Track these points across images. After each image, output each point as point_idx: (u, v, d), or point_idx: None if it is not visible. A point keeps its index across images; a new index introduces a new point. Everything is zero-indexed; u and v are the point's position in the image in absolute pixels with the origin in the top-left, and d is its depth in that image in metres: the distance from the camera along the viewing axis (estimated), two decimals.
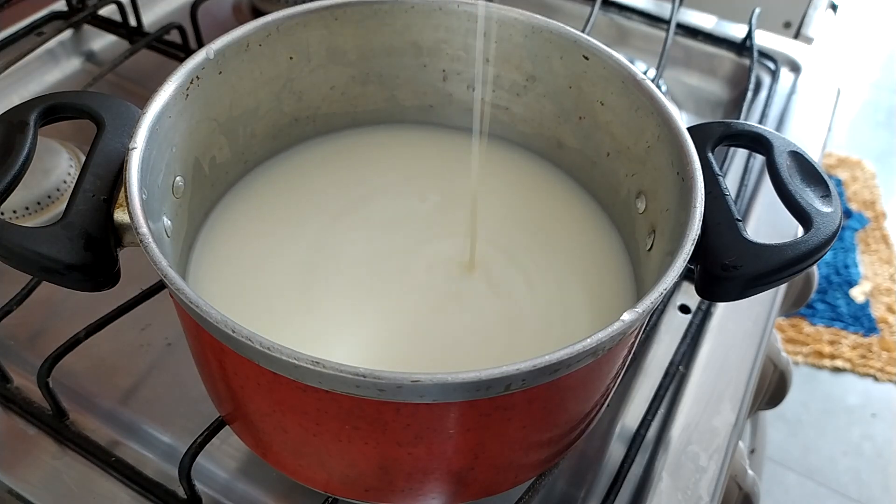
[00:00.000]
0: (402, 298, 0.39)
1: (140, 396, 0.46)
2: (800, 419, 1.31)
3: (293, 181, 0.45)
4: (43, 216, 0.52)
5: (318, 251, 0.41)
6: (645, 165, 0.40)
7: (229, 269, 0.40)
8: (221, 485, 0.42)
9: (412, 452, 0.32)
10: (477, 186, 0.41)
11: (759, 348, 0.50)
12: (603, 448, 0.45)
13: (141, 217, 0.31)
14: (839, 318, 1.47)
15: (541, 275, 0.41)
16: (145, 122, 0.34)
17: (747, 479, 0.51)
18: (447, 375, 0.27)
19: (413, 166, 0.47)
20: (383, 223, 0.43)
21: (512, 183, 0.46)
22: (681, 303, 0.53)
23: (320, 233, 0.42)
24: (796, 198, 0.35)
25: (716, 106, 0.72)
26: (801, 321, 1.46)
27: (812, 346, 1.42)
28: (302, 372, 0.27)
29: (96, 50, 0.69)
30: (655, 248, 0.38)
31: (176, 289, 0.29)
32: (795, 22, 0.80)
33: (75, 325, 0.44)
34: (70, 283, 0.32)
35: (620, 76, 0.40)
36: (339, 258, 0.41)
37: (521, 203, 0.45)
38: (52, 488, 0.41)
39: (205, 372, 0.37)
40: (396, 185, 0.45)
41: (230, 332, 0.27)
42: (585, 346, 0.28)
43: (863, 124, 1.92)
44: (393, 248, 0.42)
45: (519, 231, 0.43)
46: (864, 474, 1.25)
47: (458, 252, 0.41)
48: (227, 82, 0.40)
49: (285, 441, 0.35)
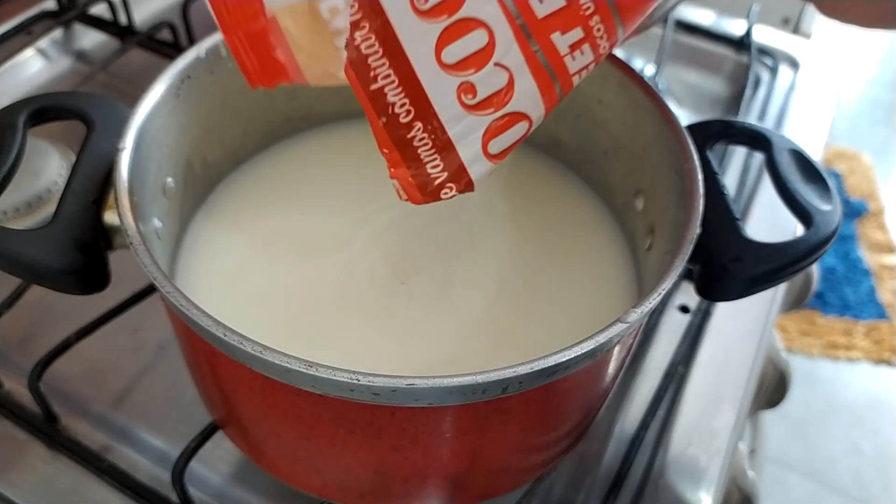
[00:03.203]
0: (395, 296, 0.39)
1: (132, 400, 0.45)
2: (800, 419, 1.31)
3: (282, 176, 0.45)
4: (33, 218, 0.51)
5: (309, 248, 0.41)
6: (643, 164, 0.39)
7: (218, 266, 0.40)
8: (215, 490, 0.42)
9: (408, 457, 0.32)
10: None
11: (759, 348, 0.50)
12: (602, 450, 0.44)
13: (131, 219, 0.30)
14: (849, 308, 1.48)
15: (540, 273, 0.40)
16: (135, 122, 0.34)
17: (747, 479, 0.51)
18: (443, 379, 0.26)
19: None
20: (376, 217, 0.42)
21: (511, 177, 0.46)
22: (680, 303, 0.52)
23: (312, 228, 0.42)
24: (796, 196, 0.35)
25: (714, 103, 0.72)
26: (814, 313, 1.47)
27: (826, 337, 1.43)
28: (295, 376, 0.27)
29: (87, 49, 0.68)
30: (654, 248, 0.38)
31: (166, 292, 0.28)
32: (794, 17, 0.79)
33: (66, 328, 0.44)
34: (60, 287, 0.32)
35: (618, 74, 0.39)
36: (332, 255, 0.40)
37: (521, 198, 0.44)
38: (44, 494, 0.41)
39: (197, 376, 0.37)
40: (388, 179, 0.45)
41: (221, 335, 0.27)
42: (583, 349, 0.27)
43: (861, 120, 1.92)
44: (386, 243, 0.41)
45: (518, 227, 0.43)
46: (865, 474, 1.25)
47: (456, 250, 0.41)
48: (218, 81, 0.39)
49: (279, 446, 0.35)
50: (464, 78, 0.28)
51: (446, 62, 0.28)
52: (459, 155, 0.30)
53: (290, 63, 0.34)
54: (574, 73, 0.30)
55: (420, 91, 0.28)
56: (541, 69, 0.29)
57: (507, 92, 0.29)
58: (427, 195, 0.31)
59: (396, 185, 0.31)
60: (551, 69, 0.29)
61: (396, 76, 0.28)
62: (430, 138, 0.30)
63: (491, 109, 0.29)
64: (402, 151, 0.30)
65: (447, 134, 0.29)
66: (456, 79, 0.28)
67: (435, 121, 0.29)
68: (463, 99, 0.29)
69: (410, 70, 0.28)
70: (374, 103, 0.29)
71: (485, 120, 0.30)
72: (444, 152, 0.30)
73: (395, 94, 0.28)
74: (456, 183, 0.31)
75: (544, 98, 0.30)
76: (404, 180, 0.31)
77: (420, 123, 0.29)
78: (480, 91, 0.29)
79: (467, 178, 0.31)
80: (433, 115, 0.29)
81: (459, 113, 0.29)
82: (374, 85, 0.28)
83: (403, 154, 0.30)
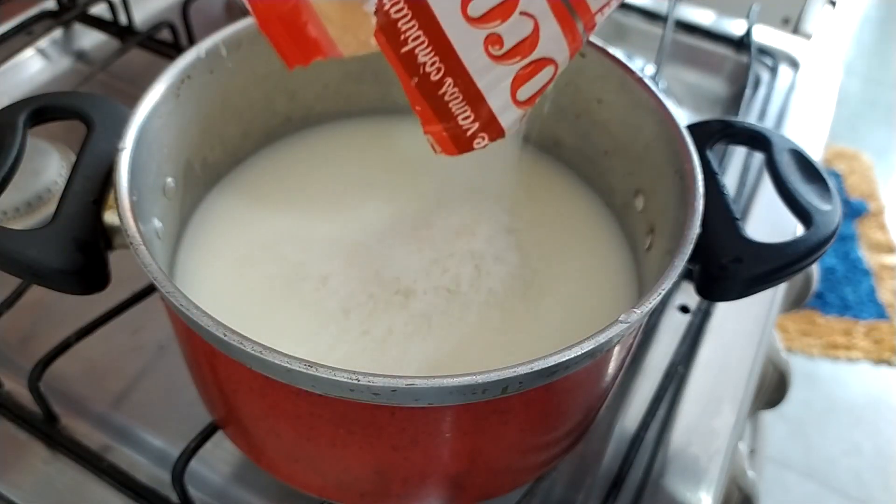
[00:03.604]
0: (395, 294, 0.39)
1: (132, 400, 0.45)
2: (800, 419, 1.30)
3: (282, 175, 0.45)
4: (33, 218, 0.51)
5: (308, 247, 0.41)
6: (643, 164, 0.39)
7: (217, 265, 0.40)
8: (215, 490, 0.42)
9: (408, 457, 0.32)
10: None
11: (759, 348, 0.50)
12: (602, 450, 0.44)
13: (131, 219, 0.30)
14: (848, 308, 1.48)
15: (540, 273, 0.40)
16: (135, 122, 0.34)
17: (747, 479, 0.51)
18: (443, 379, 0.26)
19: (406, 158, 0.46)
20: (374, 216, 0.42)
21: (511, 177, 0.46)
22: (680, 303, 0.52)
23: (311, 227, 0.42)
24: (796, 196, 0.35)
25: (714, 103, 0.72)
26: (814, 313, 1.47)
27: (826, 337, 1.43)
28: (295, 376, 0.27)
29: (87, 49, 0.68)
30: (654, 248, 0.38)
31: (166, 292, 0.28)
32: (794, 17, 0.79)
33: (66, 328, 0.44)
34: (60, 287, 0.32)
35: (618, 74, 0.39)
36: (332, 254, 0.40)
37: (521, 198, 0.44)
38: (44, 494, 0.41)
39: (197, 376, 0.37)
40: (388, 177, 0.45)
41: (221, 335, 0.27)
42: (583, 349, 0.27)
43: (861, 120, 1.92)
44: (384, 242, 0.41)
45: (518, 227, 0.43)
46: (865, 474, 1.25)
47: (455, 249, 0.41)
48: (218, 81, 0.39)
49: (279, 446, 0.35)
50: (490, 30, 0.30)
51: (472, 16, 0.29)
52: (489, 105, 0.32)
53: (323, 37, 0.34)
54: (596, 10, 0.31)
55: (449, 48, 0.30)
56: (564, 12, 0.30)
57: (533, 39, 0.31)
58: (461, 146, 0.33)
59: (430, 139, 0.32)
60: (573, 10, 0.31)
61: (426, 36, 0.29)
62: (461, 91, 0.31)
63: (518, 58, 0.31)
64: (434, 107, 0.31)
65: (476, 86, 0.31)
66: (483, 31, 0.30)
67: (465, 74, 0.30)
68: (490, 50, 0.30)
69: (439, 28, 0.29)
70: (406, 65, 0.30)
71: (513, 69, 0.31)
72: (475, 104, 0.31)
73: (426, 54, 0.30)
74: (487, 132, 0.32)
75: (568, 40, 0.31)
76: (438, 135, 0.32)
77: (450, 79, 0.30)
78: (507, 41, 0.30)
79: (498, 126, 0.32)
80: (463, 69, 0.30)
81: (488, 64, 0.30)
82: (405, 48, 0.29)
83: (436, 110, 0.31)
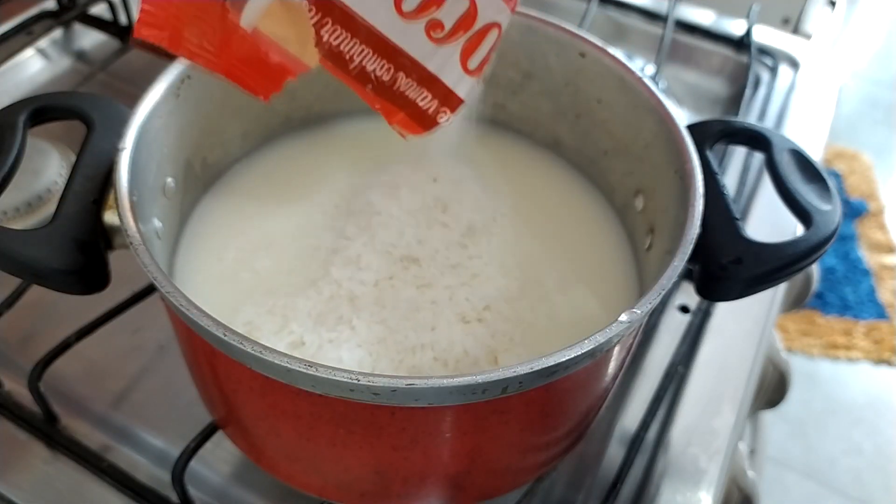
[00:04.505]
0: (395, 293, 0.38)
1: (132, 400, 0.45)
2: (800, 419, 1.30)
3: (281, 174, 0.45)
4: (33, 217, 0.51)
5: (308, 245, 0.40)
6: (643, 164, 0.39)
7: (217, 264, 0.40)
8: (215, 490, 0.42)
9: (408, 457, 0.32)
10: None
11: (759, 348, 0.50)
12: (602, 450, 0.44)
13: (131, 220, 0.30)
14: (848, 308, 1.48)
15: (540, 273, 0.40)
16: (135, 122, 0.34)
17: (747, 479, 0.51)
18: (443, 379, 0.26)
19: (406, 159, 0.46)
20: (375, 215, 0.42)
21: (513, 173, 0.45)
22: (680, 303, 0.52)
23: (311, 225, 0.41)
24: (796, 196, 0.35)
25: (714, 103, 0.72)
26: (814, 313, 1.47)
27: (826, 337, 1.43)
28: (295, 376, 0.27)
29: (87, 49, 0.68)
30: (654, 247, 0.38)
31: (166, 292, 0.28)
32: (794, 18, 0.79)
33: (66, 328, 0.44)
34: (60, 287, 0.32)
35: (618, 73, 0.39)
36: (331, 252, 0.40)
37: (521, 197, 0.44)
38: (44, 494, 0.41)
39: (197, 376, 0.37)
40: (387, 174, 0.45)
41: (221, 335, 0.27)
42: (583, 348, 0.27)
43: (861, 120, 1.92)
44: (386, 241, 0.41)
45: (518, 227, 0.43)
46: (865, 474, 1.25)
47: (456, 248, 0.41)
48: (218, 81, 0.39)
49: (279, 446, 0.35)
50: (428, 17, 0.31)
51: (407, 11, 0.31)
52: (443, 82, 0.33)
53: (287, 58, 0.35)
54: None
55: (393, 48, 0.31)
56: None
57: (471, 12, 0.32)
58: (425, 124, 0.34)
59: (397, 128, 0.34)
60: None
61: (369, 47, 0.31)
62: (414, 80, 0.33)
63: (461, 33, 0.32)
64: (392, 101, 0.33)
65: (428, 70, 0.33)
66: (421, 22, 0.31)
67: (414, 64, 0.32)
68: (433, 35, 0.32)
69: (379, 36, 0.31)
70: (357, 79, 0.32)
71: (458, 45, 0.33)
72: (430, 85, 0.33)
73: (373, 63, 0.31)
74: (448, 105, 0.34)
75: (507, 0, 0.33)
76: (402, 122, 0.34)
77: (401, 73, 0.32)
78: (447, 22, 0.32)
79: (455, 97, 0.34)
80: (411, 60, 0.32)
81: (433, 49, 0.32)
82: (352, 65, 0.31)
83: (395, 102, 0.33)
